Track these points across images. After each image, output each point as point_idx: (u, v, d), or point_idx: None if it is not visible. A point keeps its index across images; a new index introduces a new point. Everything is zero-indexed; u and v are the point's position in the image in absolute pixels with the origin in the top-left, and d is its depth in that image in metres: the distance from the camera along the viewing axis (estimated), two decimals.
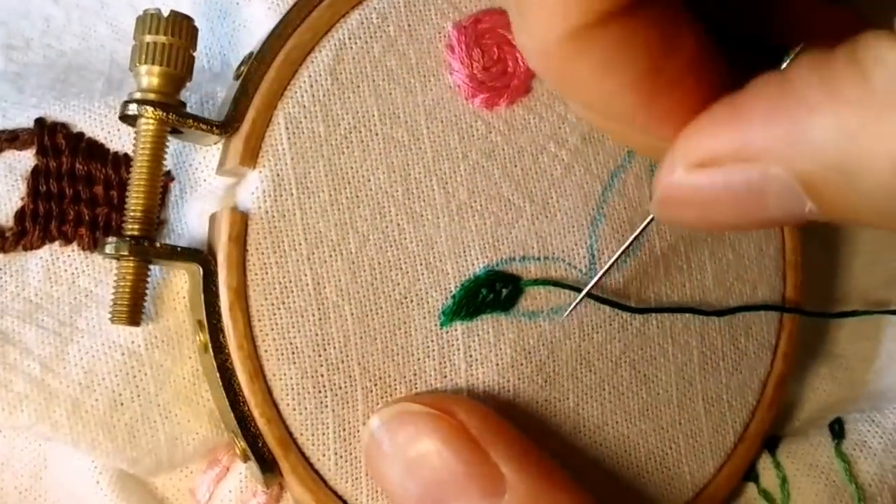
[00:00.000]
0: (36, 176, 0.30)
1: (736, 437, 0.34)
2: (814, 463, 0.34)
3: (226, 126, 0.29)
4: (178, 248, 0.29)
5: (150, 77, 0.29)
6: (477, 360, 0.31)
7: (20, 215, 0.30)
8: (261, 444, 0.29)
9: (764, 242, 0.35)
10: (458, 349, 0.31)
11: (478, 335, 0.31)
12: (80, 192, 0.30)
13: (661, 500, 0.33)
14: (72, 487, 0.31)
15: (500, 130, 0.31)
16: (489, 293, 0.31)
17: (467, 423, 0.29)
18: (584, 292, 0.31)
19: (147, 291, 0.29)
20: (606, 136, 0.33)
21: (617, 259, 0.31)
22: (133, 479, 0.31)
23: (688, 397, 0.33)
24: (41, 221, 0.30)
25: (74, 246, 0.30)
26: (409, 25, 0.31)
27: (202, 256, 0.29)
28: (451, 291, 0.31)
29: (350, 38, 0.30)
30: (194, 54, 0.29)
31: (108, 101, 0.31)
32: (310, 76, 0.30)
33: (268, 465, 0.29)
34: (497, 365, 0.31)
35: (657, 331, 0.33)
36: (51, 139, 0.30)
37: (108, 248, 0.28)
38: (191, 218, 0.31)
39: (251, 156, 0.29)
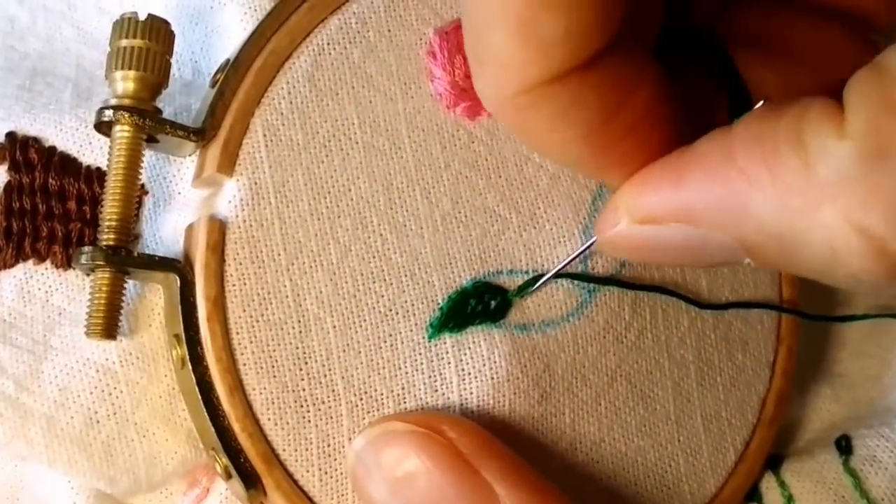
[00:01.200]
0: (9, 192, 0.31)
1: (737, 456, 0.34)
2: (821, 480, 0.34)
3: (203, 133, 0.29)
4: (156, 258, 0.29)
5: (125, 82, 0.29)
6: (470, 373, 0.31)
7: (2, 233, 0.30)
8: (243, 459, 0.29)
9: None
10: (449, 362, 0.31)
11: (469, 348, 0.31)
12: (52, 207, 0.31)
13: None
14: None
15: (482, 140, 0.31)
16: (478, 304, 0.31)
17: (457, 441, 0.29)
18: (541, 280, 0.31)
19: (123, 305, 0.29)
20: None
21: (564, 266, 0.32)
22: (111, 500, 0.31)
23: (686, 414, 0.34)
24: (14, 239, 0.30)
25: (48, 264, 0.31)
26: (389, 31, 0.31)
27: (179, 267, 0.29)
28: (438, 303, 0.31)
29: (329, 44, 0.30)
30: (171, 60, 0.30)
31: (79, 113, 0.31)
32: (288, 83, 0.30)
33: (251, 482, 0.29)
34: (492, 379, 0.31)
35: (652, 345, 0.33)
36: (23, 154, 0.31)
37: (84, 258, 0.29)
38: (165, 232, 0.31)
39: (229, 163, 0.30)
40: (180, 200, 0.31)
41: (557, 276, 0.31)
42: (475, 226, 0.31)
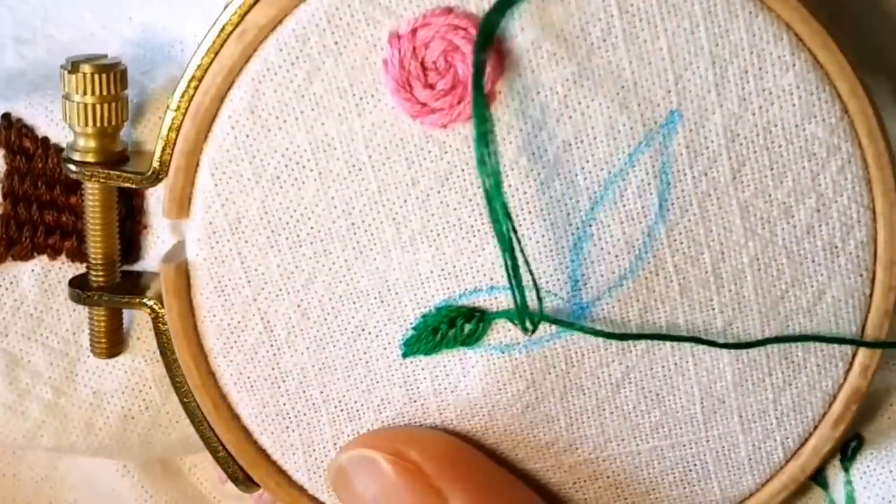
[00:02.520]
0: (10, 179, 0.33)
1: (787, 454, 0.33)
2: (888, 498, 0.31)
3: (155, 177, 0.30)
4: (126, 299, 0.32)
5: (85, 138, 0.31)
6: (445, 388, 0.32)
7: (5, 222, 0.33)
8: (231, 467, 0.33)
9: (840, 237, 0.31)
10: (425, 378, 0.32)
11: (443, 367, 0.32)
12: (56, 198, 0.32)
13: None
14: (91, 473, 0.37)
15: (457, 150, 0.29)
16: (448, 329, 0.31)
17: (422, 464, 0.31)
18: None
19: (122, 325, 0.33)
20: (601, 137, 0.29)
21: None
22: (160, 460, 0.36)
23: (718, 415, 0.32)
24: (26, 230, 0.33)
25: (63, 258, 0.33)
26: (335, 43, 0.28)
27: (149, 305, 0.32)
28: (410, 323, 0.31)
29: (268, 70, 0.29)
30: (127, 94, 0.31)
31: None
32: (229, 117, 0.30)
33: (244, 483, 0.33)
34: (466, 394, 0.32)
35: (670, 350, 0.31)
36: (18, 140, 0.32)
37: (76, 299, 0.32)
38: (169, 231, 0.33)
39: (179, 208, 0.31)
40: None
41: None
42: (448, 244, 0.30)
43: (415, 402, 0.32)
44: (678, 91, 0.29)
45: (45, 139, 0.33)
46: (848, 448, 0.33)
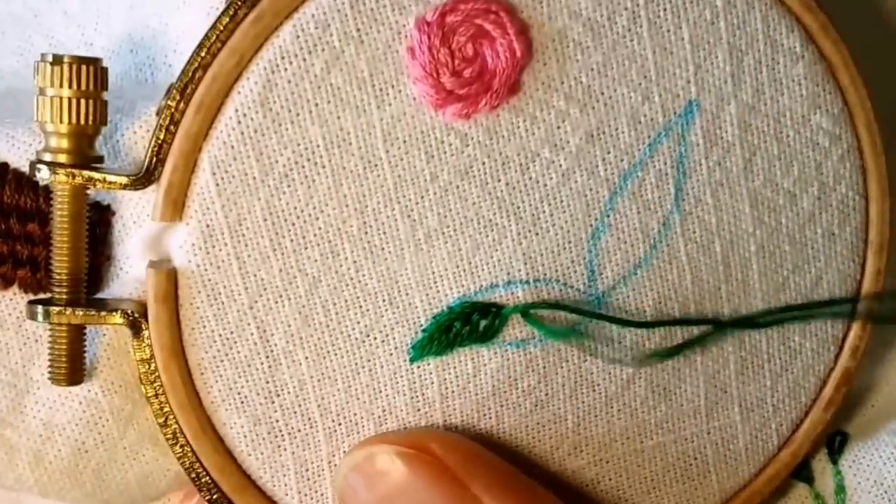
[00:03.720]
0: None
1: (780, 441, 0.34)
2: (880, 480, 0.34)
3: (147, 177, 0.28)
4: (104, 313, 0.29)
5: (58, 138, 0.28)
6: (453, 391, 0.31)
7: None
8: (216, 494, 0.31)
9: (837, 224, 0.32)
10: (432, 383, 0.31)
11: (454, 368, 0.31)
12: (12, 227, 0.30)
13: None
14: None
15: (479, 142, 0.29)
16: (463, 327, 0.31)
17: (444, 457, 0.30)
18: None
19: (85, 350, 0.30)
20: (623, 128, 0.30)
21: None
22: None
23: (720, 405, 0.33)
24: None
25: (15, 289, 0.31)
26: (357, 30, 0.27)
27: (130, 317, 0.29)
28: (421, 325, 0.31)
29: (283, 59, 0.27)
30: (106, 97, 0.29)
31: (34, 126, 0.31)
32: (237, 110, 0.28)
33: None
34: (476, 395, 0.31)
35: (681, 340, 0.32)
36: None
37: (37, 317, 0.29)
38: (135, 256, 0.30)
39: (173, 210, 0.29)
40: (147, 227, 0.29)
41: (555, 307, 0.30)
42: (466, 239, 0.30)
43: (419, 410, 0.31)
44: (697, 81, 0.30)
45: (5, 165, 0.30)
46: (834, 442, 0.34)
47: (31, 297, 0.31)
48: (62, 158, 0.28)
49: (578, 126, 0.29)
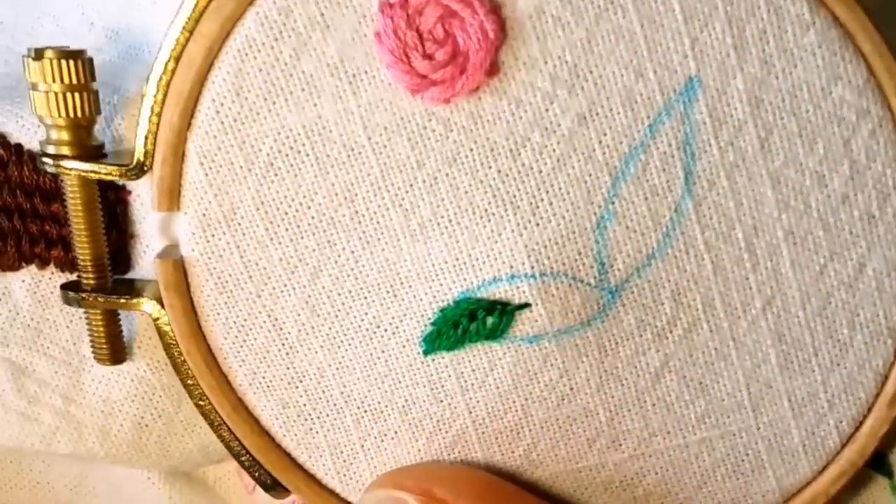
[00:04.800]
0: None
1: (842, 438, 0.31)
2: None
3: (138, 168, 0.29)
4: (130, 299, 0.30)
5: (57, 130, 0.30)
6: (473, 385, 0.31)
7: None
8: (258, 473, 0.32)
9: (877, 205, 0.29)
10: (450, 376, 0.31)
11: (469, 362, 0.30)
12: (37, 207, 0.32)
13: None
14: (119, 485, 0.36)
15: (463, 128, 0.28)
16: (470, 323, 0.30)
17: (451, 501, 0.30)
18: None
19: (121, 330, 0.32)
20: (618, 108, 0.28)
21: None
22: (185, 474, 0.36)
23: (766, 400, 0.31)
24: (14, 238, 0.32)
25: (52, 268, 0.32)
26: (322, 15, 0.27)
27: (149, 303, 0.31)
28: (429, 318, 0.30)
29: (251, 47, 0.27)
30: (95, 87, 0.30)
31: None
32: (213, 101, 0.28)
33: (274, 488, 0.32)
34: (496, 389, 0.30)
35: (710, 336, 0.30)
36: None
37: (72, 303, 0.31)
38: (154, 237, 0.31)
39: (169, 200, 0.29)
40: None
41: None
42: (462, 230, 0.29)
43: (441, 401, 0.31)
44: (695, 55, 0.27)
45: (19, 146, 0.32)
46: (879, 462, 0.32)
47: (69, 275, 0.32)
48: (64, 150, 0.30)
49: (568, 108, 0.27)
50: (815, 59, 0.27)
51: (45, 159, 0.30)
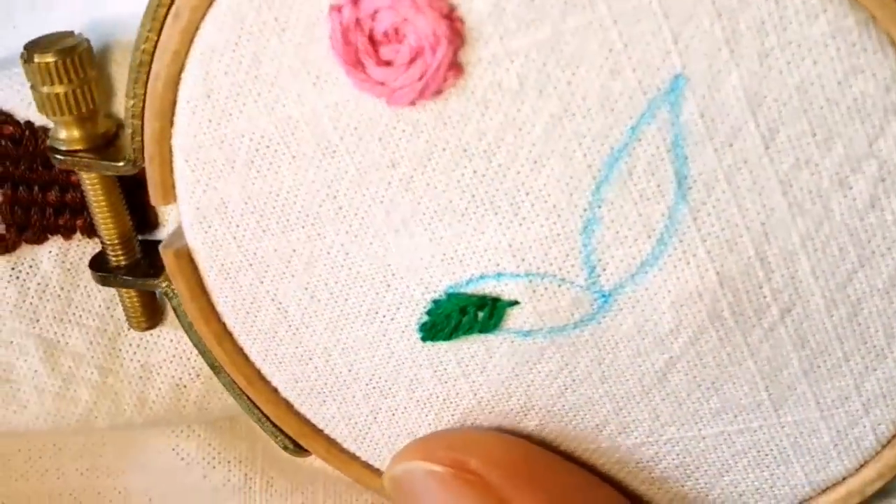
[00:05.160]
0: (3, 165, 0.32)
1: (880, 440, 0.28)
2: None
3: (133, 164, 0.29)
4: (140, 281, 0.31)
5: (67, 127, 0.30)
6: (474, 370, 0.30)
7: (10, 207, 0.32)
8: (280, 437, 0.33)
9: None
10: (451, 360, 0.30)
11: (467, 349, 0.30)
12: (58, 177, 0.32)
13: (764, 496, 0.30)
14: (144, 451, 0.37)
15: (433, 129, 0.26)
16: (461, 317, 0.29)
17: (486, 474, 0.29)
18: None
19: (156, 296, 0.33)
20: (595, 109, 0.25)
21: None
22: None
23: (790, 402, 0.28)
24: (37, 210, 0.32)
25: (78, 235, 0.33)
26: (275, 19, 0.26)
27: (164, 286, 0.31)
28: (423, 307, 0.29)
29: (213, 52, 0.27)
30: (96, 74, 0.29)
31: None
32: (188, 102, 0.28)
33: (297, 451, 0.33)
34: (497, 374, 0.30)
35: (718, 345, 0.28)
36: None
37: (100, 282, 0.32)
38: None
39: (164, 193, 0.29)
40: None
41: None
42: (444, 227, 0.28)
43: (445, 383, 0.30)
44: (680, 51, 0.23)
45: (29, 122, 0.31)
46: None
47: (96, 241, 0.32)
48: (75, 145, 0.29)
49: (541, 108, 0.25)
50: (828, 51, 0.23)
51: (57, 156, 0.29)
